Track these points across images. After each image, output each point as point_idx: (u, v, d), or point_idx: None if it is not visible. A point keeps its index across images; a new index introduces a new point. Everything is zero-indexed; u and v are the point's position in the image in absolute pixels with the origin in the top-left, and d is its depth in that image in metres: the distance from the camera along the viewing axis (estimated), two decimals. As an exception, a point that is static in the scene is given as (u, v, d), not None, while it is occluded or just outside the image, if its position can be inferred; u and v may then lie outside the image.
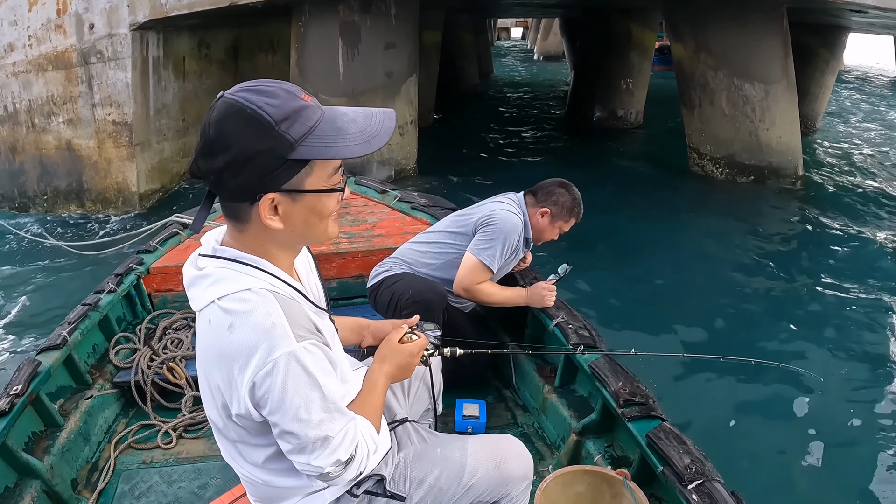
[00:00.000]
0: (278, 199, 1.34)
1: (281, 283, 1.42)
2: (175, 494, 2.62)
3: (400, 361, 1.78)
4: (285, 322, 1.34)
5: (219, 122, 1.28)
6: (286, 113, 1.28)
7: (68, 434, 2.76)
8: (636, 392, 2.47)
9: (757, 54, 10.16)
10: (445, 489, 1.78)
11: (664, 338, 5.97)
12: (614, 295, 6.86)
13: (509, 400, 3.34)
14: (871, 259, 7.96)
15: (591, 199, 10.17)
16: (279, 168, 1.30)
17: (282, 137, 1.27)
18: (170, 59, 9.83)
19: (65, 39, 8.82)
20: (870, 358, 5.67)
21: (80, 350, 3.16)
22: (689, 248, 8.26)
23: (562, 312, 3.13)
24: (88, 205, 9.43)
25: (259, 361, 1.31)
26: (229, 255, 1.41)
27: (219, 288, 1.37)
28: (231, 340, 1.32)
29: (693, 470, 2.04)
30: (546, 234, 3.30)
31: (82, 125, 9.12)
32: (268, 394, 1.33)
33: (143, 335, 3.54)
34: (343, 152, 1.33)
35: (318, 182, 1.36)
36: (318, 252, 4.10)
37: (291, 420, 1.36)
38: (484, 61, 26.64)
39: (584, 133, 15.21)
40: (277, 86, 1.31)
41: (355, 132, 1.34)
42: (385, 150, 9.59)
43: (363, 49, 9.14)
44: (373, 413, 1.63)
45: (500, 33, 55.24)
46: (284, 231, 1.39)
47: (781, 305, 6.71)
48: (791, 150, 10.64)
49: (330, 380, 1.42)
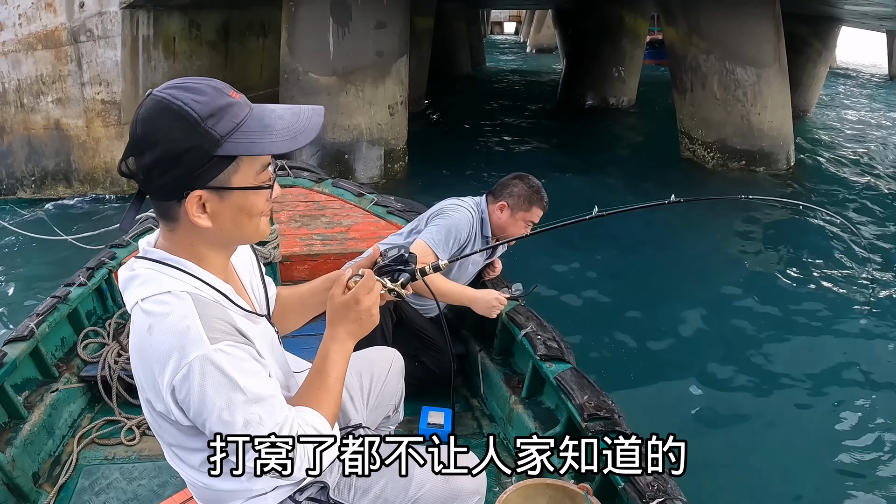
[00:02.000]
0: (206, 197, 1.33)
1: (204, 285, 1.41)
2: (134, 491, 2.60)
3: (352, 315, 1.58)
4: (199, 324, 1.31)
5: (146, 119, 1.27)
6: (212, 109, 1.27)
7: (32, 427, 2.73)
8: (602, 406, 2.45)
9: (749, 38, 10.19)
10: (390, 500, 1.73)
11: (644, 327, 5.98)
12: (597, 283, 6.85)
13: (476, 409, 3.30)
14: (857, 246, 7.96)
15: (580, 187, 10.23)
16: (205, 165, 1.29)
17: (208, 134, 1.27)
18: (160, 38, 9.77)
19: (55, 18, 8.75)
20: (850, 353, 5.65)
21: (47, 343, 3.12)
22: (676, 236, 8.25)
23: (531, 323, 3.09)
24: (76, 185, 9.37)
25: (175, 365, 1.29)
26: (156, 257, 1.40)
27: (143, 289, 1.36)
28: (150, 342, 1.31)
29: (655, 487, 2.02)
30: (510, 229, 3.23)
31: (71, 104, 9.05)
32: (188, 397, 1.31)
33: (113, 330, 3.49)
34: (269, 148, 1.32)
35: (246, 179, 1.35)
36: (291, 253, 4.11)
37: (216, 423, 1.34)
38: (476, 51, 26.62)
39: (575, 120, 15.22)
40: (205, 83, 1.31)
41: (282, 128, 1.34)
42: (375, 130, 9.58)
43: (354, 27, 9.10)
44: (325, 397, 1.54)
45: (493, 27, 55.23)
46: (213, 230, 1.38)
47: (766, 294, 6.70)
48: (783, 135, 10.67)
49: (255, 379, 1.36)
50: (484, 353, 3.45)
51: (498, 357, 3.41)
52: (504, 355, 3.41)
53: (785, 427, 4.74)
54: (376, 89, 9.49)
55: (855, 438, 4.57)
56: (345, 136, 9.40)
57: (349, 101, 9.32)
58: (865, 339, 5.87)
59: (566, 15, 18.50)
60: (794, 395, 5.07)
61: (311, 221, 4.56)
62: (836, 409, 4.86)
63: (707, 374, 5.27)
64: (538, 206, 3.21)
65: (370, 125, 9.53)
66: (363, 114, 9.44)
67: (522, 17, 48.53)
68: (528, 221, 3.21)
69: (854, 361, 5.48)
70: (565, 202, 8.71)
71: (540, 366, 2.84)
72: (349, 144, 9.42)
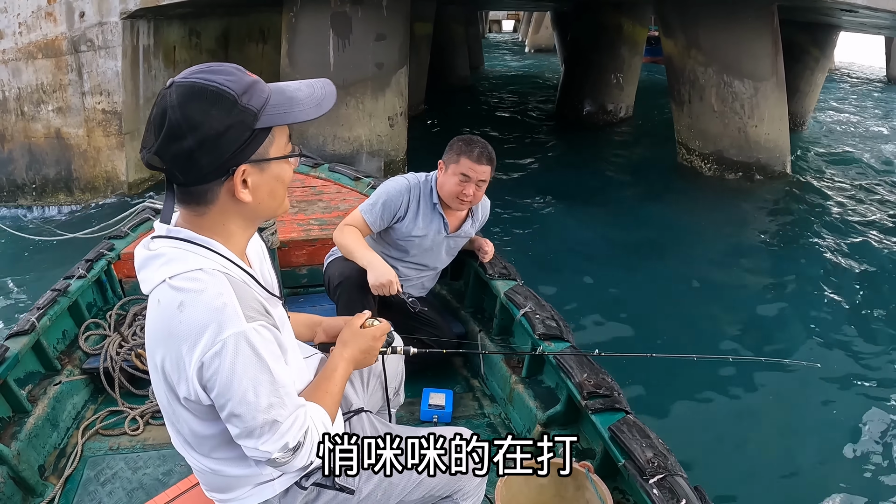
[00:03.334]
0: (248, 171, 1.37)
1: (233, 265, 1.43)
2: (140, 481, 2.62)
3: (363, 345, 1.79)
4: (236, 302, 1.34)
5: (182, 104, 1.29)
6: (244, 87, 1.33)
7: (36, 420, 2.75)
8: (601, 384, 2.46)
9: (747, 51, 10.21)
10: (396, 483, 1.75)
11: (640, 333, 6.01)
12: (593, 289, 6.91)
13: (477, 390, 3.34)
14: (855, 259, 8.04)
15: (577, 193, 10.26)
16: (248, 139, 1.34)
17: (247, 109, 1.32)
18: (160, 47, 9.80)
19: (55, 27, 8.77)
20: (844, 355, 5.75)
21: (49, 336, 3.14)
22: (673, 244, 8.32)
23: (530, 302, 3.11)
24: (77, 193, 9.38)
25: (208, 341, 1.30)
26: (183, 236, 1.41)
27: (170, 267, 1.36)
28: (181, 319, 1.32)
29: (655, 464, 2.04)
30: (447, 185, 3.11)
31: (72, 113, 9.07)
32: (216, 375, 1.32)
33: (114, 321, 3.51)
34: (300, 116, 1.38)
35: (280, 149, 1.41)
36: (289, 239, 4.09)
37: (239, 402, 1.35)
38: (475, 53, 26.54)
39: (573, 127, 15.24)
40: (227, 65, 1.37)
41: (305, 98, 1.40)
42: (375, 142, 9.60)
43: (354, 40, 9.12)
44: (329, 400, 1.63)
45: (491, 26, 55.04)
46: (252, 204, 1.41)
47: (762, 302, 6.77)
48: (779, 147, 10.70)
49: (279, 364, 1.41)
50: (483, 334, 3.49)
51: (497, 337, 3.45)
52: (504, 335, 3.45)
53: (785, 403, 4.90)
54: (376, 101, 9.51)
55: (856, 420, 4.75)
56: (345, 147, 9.42)
57: (349, 112, 9.34)
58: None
59: (565, 19, 18.49)
60: (792, 374, 5.23)
61: (309, 206, 4.55)
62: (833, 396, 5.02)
63: (704, 350, 5.42)
64: (466, 157, 3.04)
65: (370, 137, 9.55)
66: (363, 125, 9.46)
67: (520, 15, 48.40)
68: (459, 174, 3.06)
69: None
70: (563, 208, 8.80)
71: (539, 345, 2.86)
72: (349, 156, 9.43)
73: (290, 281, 4.16)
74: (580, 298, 6.55)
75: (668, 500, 1.92)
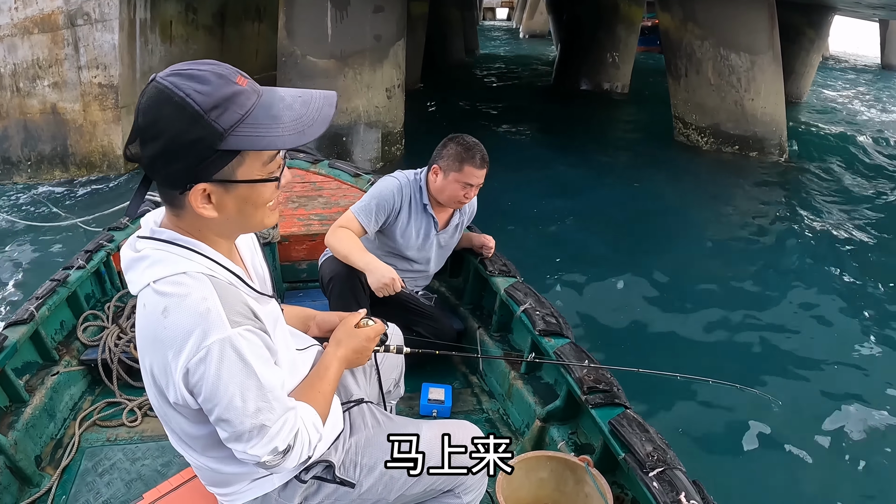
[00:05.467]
0: (210, 189, 1.29)
1: (219, 267, 1.39)
2: (138, 472, 2.61)
3: (356, 345, 1.77)
4: (220, 307, 1.30)
5: (147, 109, 1.22)
6: (216, 101, 1.21)
7: (33, 410, 2.74)
8: (601, 379, 2.45)
9: (743, 25, 10.24)
10: (397, 477, 1.73)
11: (639, 303, 6.06)
12: (592, 271, 6.81)
13: (475, 385, 3.34)
14: (850, 238, 8.05)
15: (575, 170, 10.24)
16: (210, 158, 1.24)
17: (211, 127, 1.21)
18: (157, 22, 9.75)
19: (51, 1, 8.70)
20: (838, 342, 5.68)
21: (47, 326, 3.11)
22: (669, 223, 8.30)
23: (530, 299, 3.10)
24: (73, 169, 9.35)
25: (193, 347, 1.27)
26: (167, 238, 1.37)
27: (155, 270, 1.32)
28: (165, 325, 1.28)
29: (655, 458, 2.03)
30: (446, 192, 3.11)
31: (68, 88, 9.03)
32: (202, 381, 1.29)
33: (112, 313, 3.49)
34: (275, 143, 1.26)
35: (252, 171, 1.30)
36: (290, 233, 4.09)
37: (226, 408, 1.32)
38: (470, 38, 26.53)
39: (569, 105, 15.24)
40: (209, 70, 1.25)
41: (290, 120, 1.27)
42: (373, 113, 9.58)
43: (352, 11, 9.08)
44: (321, 400, 1.60)
45: (484, 13, 54.99)
46: (219, 220, 1.35)
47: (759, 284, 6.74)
48: (775, 121, 10.74)
49: (267, 368, 1.38)
50: (483, 330, 3.48)
51: (497, 333, 3.44)
52: (503, 331, 3.44)
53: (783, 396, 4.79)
54: (374, 73, 9.48)
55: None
56: (343, 118, 9.40)
57: (347, 84, 9.32)
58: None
59: (560, 1, 18.48)
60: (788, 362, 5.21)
61: (309, 202, 4.54)
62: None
63: (703, 351, 5.36)
64: (469, 165, 3.05)
65: (368, 108, 9.53)
66: (361, 97, 9.43)
67: (515, 2, 48.34)
68: (462, 183, 3.07)
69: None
70: (561, 185, 8.78)
71: (539, 341, 2.86)
72: (347, 127, 9.43)
73: (289, 275, 4.17)
74: (572, 284, 6.51)
75: (668, 494, 1.92)
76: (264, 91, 1.30)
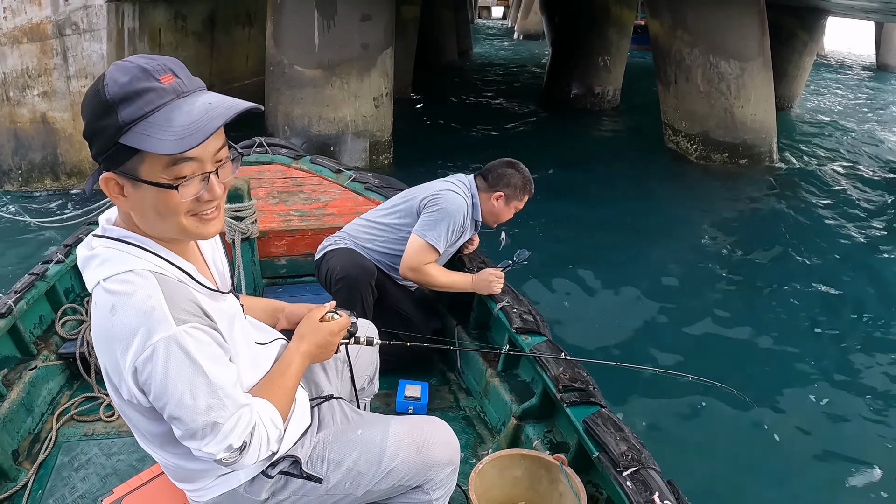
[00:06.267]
0: (122, 181, 1.29)
1: (167, 264, 1.39)
2: (113, 466, 2.62)
3: (319, 340, 1.75)
4: (164, 305, 1.30)
5: (87, 93, 1.27)
6: (126, 93, 1.21)
7: (11, 404, 2.74)
8: (576, 378, 2.46)
9: (733, 32, 10.24)
10: (364, 472, 1.74)
11: (616, 302, 6.13)
12: (572, 278, 6.87)
13: (453, 383, 3.35)
14: (839, 244, 8.09)
15: (564, 176, 10.25)
16: (111, 149, 1.25)
17: (115, 118, 1.22)
18: (145, 30, 9.72)
19: (40, 11, 8.68)
20: (829, 344, 5.76)
21: (25, 320, 3.12)
22: (657, 230, 8.33)
23: (507, 297, 3.12)
24: (63, 178, 9.32)
25: (139, 346, 1.27)
26: (116, 235, 1.38)
27: (104, 269, 1.34)
28: (113, 323, 1.29)
29: (629, 457, 2.04)
30: (503, 216, 3.31)
31: (57, 98, 9.00)
32: (150, 379, 1.30)
33: (90, 307, 3.50)
34: (156, 146, 1.21)
35: (154, 173, 1.27)
36: (269, 229, 4.09)
37: (177, 406, 1.32)
38: (463, 38, 26.44)
39: (560, 110, 15.24)
40: (140, 63, 1.25)
41: (179, 126, 1.22)
42: (360, 122, 9.59)
43: (339, 20, 9.07)
44: (280, 395, 1.60)
45: (480, 11, 54.91)
46: (140, 217, 1.35)
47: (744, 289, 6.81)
48: (765, 128, 10.75)
49: (217, 365, 1.37)
50: (461, 328, 3.49)
51: (474, 331, 3.46)
52: (480, 329, 3.46)
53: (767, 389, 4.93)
54: (361, 82, 9.47)
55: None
56: (330, 128, 9.40)
57: (334, 93, 9.31)
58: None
59: (553, 2, 18.45)
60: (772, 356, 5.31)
61: (289, 197, 4.53)
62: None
63: (679, 348, 5.43)
64: (528, 195, 3.30)
65: (355, 117, 9.52)
66: (348, 106, 9.42)
67: (510, 0, 48.25)
68: (517, 209, 3.31)
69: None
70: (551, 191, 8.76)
71: (516, 339, 2.87)
72: (334, 137, 9.43)
73: (268, 271, 4.16)
74: (559, 287, 6.56)
75: (642, 493, 1.92)
76: (190, 94, 1.28)
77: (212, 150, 1.31)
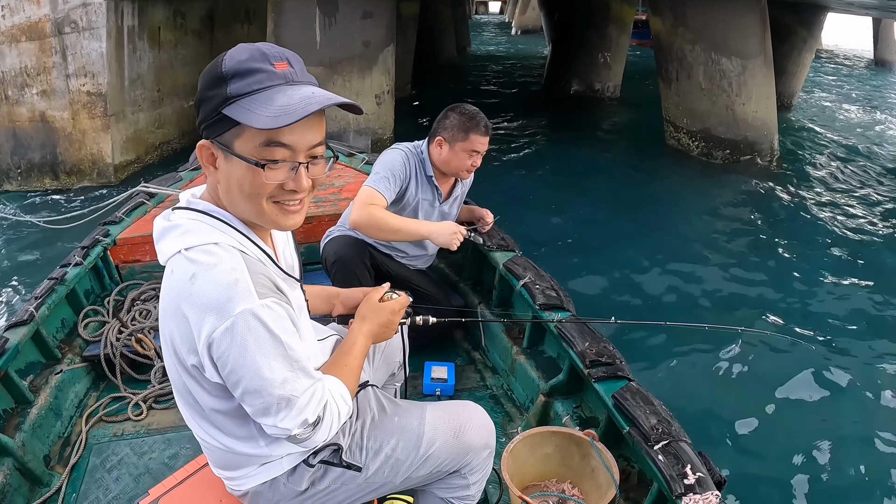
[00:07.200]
0: (214, 150, 1.35)
1: (249, 243, 1.41)
2: (146, 465, 2.63)
3: (381, 319, 1.78)
4: (248, 279, 1.31)
5: (211, 62, 1.34)
6: (240, 69, 1.29)
7: (39, 410, 2.75)
8: (603, 352, 2.44)
9: (735, 29, 10.20)
10: (403, 459, 1.75)
11: (641, 273, 6.27)
12: (585, 264, 6.93)
13: (478, 362, 3.35)
14: (838, 238, 8.09)
15: (565, 173, 10.25)
16: (214, 117, 1.31)
17: (224, 90, 1.29)
18: (145, 28, 9.69)
19: (38, 9, 8.65)
20: (830, 333, 5.79)
21: (47, 325, 3.12)
22: (661, 221, 8.36)
23: (529, 273, 3.09)
24: (63, 177, 9.31)
25: (217, 317, 1.28)
26: (202, 208, 1.41)
27: (186, 239, 1.35)
28: (192, 291, 1.29)
29: (660, 430, 2.04)
30: (453, 162, 3.11)
31: (56, 96, 8.97)
32: (227, 351, 1.30)
33: (112, 307, 3.51)
34: (252, 119, 1.27)
35: (246, 148, 1.31)
36: None
37: (253, 378, 1.32)
38: (461, 35, 26.43)
39: (560, 106, 15.22)
40: (263, 48, 1.32)
41: (279, 105, 1.28)
42: (362, 120, 9.57)
43: (340, 18, 9.05)
44: (347, 374, 1.62)
45: (477, 7, 54.82)
46: (222, 190, 1.39)
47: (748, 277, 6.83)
48: (767, 125, 10.72)
49: (293, 339, 1.38)
50: (483, 306, 3.48)
51: (497, 308, 3.44)
52: (503, 307, 3.44)
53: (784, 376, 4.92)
54: (363, 79, 9.46)
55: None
56: (332, 126, 9.37)
57: (336, 91, 8.95)
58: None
59: (552, 0, 18.44)
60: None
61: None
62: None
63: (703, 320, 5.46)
64: (476, 133, 3.05)
65: (357, 115, 9.46)
66: (350, 104, 9.39)
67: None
68: (469, 151, 3.07)
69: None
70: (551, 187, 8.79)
71: (540, 314, 2.85)
72: (337, 134, 9.41)
73: None
74: (568, 274, 6.54)
75: (674, 466, 1.92)
76: (299, 84, 1.33)
77: (307, 142, 1.35)
